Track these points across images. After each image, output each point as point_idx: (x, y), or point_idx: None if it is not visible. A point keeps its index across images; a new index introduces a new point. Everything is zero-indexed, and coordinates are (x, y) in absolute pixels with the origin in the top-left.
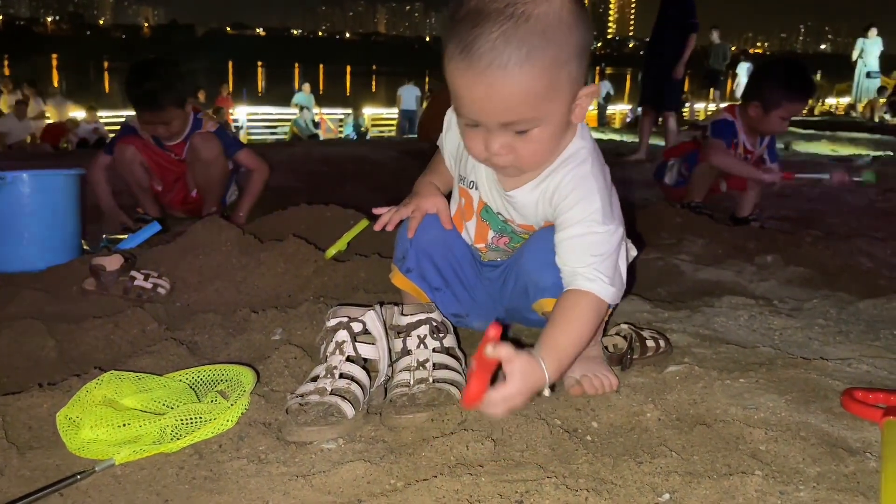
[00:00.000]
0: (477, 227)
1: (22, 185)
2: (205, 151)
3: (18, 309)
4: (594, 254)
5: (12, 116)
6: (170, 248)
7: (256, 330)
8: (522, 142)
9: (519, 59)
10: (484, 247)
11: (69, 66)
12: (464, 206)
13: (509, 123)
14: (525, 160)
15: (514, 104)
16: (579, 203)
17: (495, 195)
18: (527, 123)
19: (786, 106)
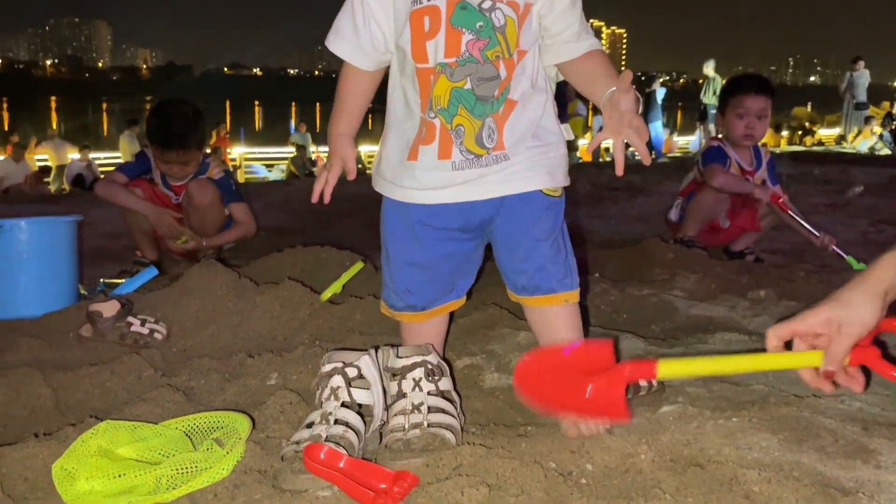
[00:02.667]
0: (447, 38)
1: (20, 231)
2: (198, 197)
3: (16, 357)
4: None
5: (9, 160)
6: (166, 292)
7: (252, 374)
8: None
9: None
10: (454, 62)
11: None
12: (428, 25)
13: None
14: None
15: None
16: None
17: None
18: None
19: (732, 102)
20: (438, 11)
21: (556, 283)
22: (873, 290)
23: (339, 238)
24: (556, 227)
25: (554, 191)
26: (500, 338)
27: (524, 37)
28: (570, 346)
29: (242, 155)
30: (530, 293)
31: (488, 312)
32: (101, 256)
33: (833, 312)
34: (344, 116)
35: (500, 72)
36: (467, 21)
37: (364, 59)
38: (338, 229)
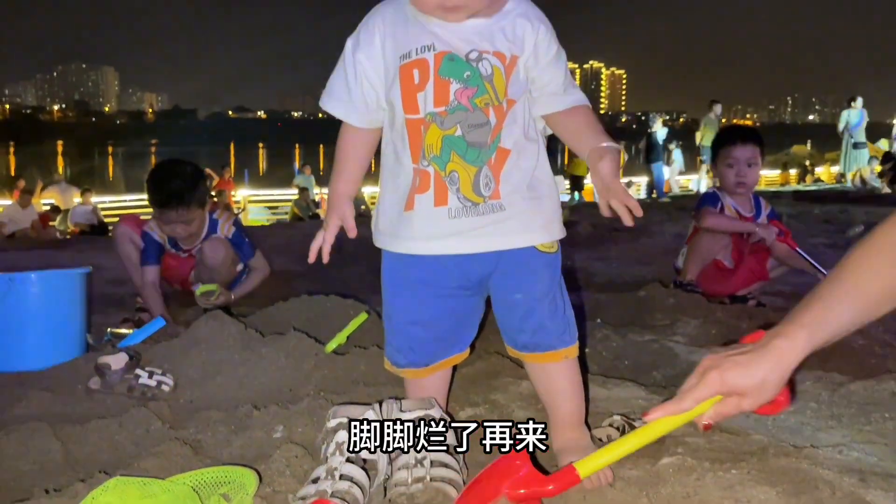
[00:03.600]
0: (436, 89)
1: (30, 285)
2: (211, 257)
3: (25, 410)
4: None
5: (16, 205)
6: (173, 343)
7: (258, 427)
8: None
9: None
10: (444, 110)
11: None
12: (418, 78)
13: None
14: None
15: None
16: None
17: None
18: None
19: (722, 153)
20: (427, 64)
21: (556, 340)
22: (786, 367)
23: (344, 283)
24: (555, 284)
25: (550, 246)
26: (502, 387)
27: (512, 87)
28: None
29: (246, 197)
30: (530, 350)
31: (491, 362)
32: (106, 303)
33: (742, 382)
34: (343, 175)
35: (490, 118)
36: (455, 71)
37: (358, 116)
38: (342, 274)
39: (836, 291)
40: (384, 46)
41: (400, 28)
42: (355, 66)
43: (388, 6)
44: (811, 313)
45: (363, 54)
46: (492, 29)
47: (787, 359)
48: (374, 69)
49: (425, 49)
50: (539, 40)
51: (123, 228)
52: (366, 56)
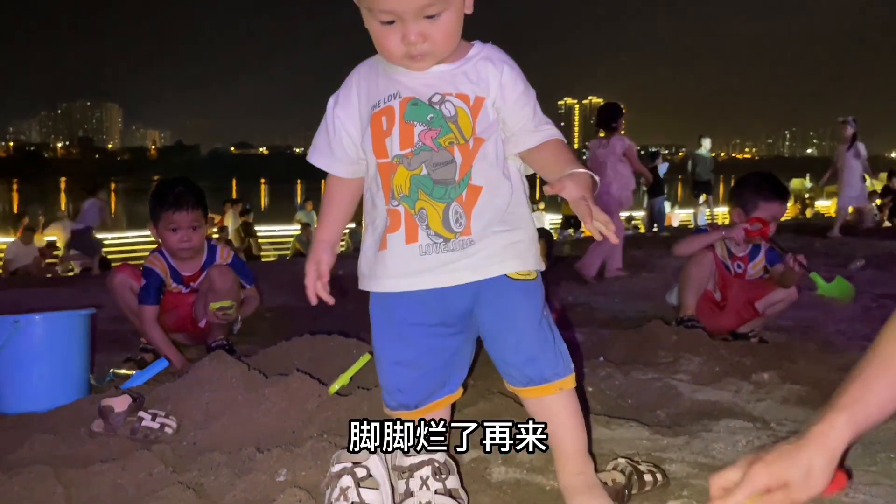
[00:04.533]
0: (401, 132)
1: (35, 327)
2: (219, 282)
3: (28, 453)
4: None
5: (18, 242)
6: (177, 384)
7: (262, 470)
8: (435, 27)
9: None
10: (410, 152)
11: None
12: (386, 124)
13: (424, 8)
14: (439, 44)
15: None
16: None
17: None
18: (438, 6)
19: (762, 206)
20: (393, 111)
21: (549, 372)
22: (834, 449)
23: (345, 319)
24: (537, 313)
25: (527, 274)
26: None
27: (480, 125)
28: None
29: None
30: (524, 384)
31: (494, 402)
32: (109, 340)
33: (787, 473)
34: (326, 222)
35: (455, 156)
36: (418, 115)
37: (340, 167)
38: (344, 310)
39: (873, 369)
40: (359, 100)
41: (372, 81)
42: (335, 122)
43: (365, 64)
44: (849, 394)
45: (341, 110)
46: (455, 74)
47: (831, 444)
48: (351, 122)
49: (392, 97)
50: (504, 80)
51: (121, 277)
52: (343, 111)
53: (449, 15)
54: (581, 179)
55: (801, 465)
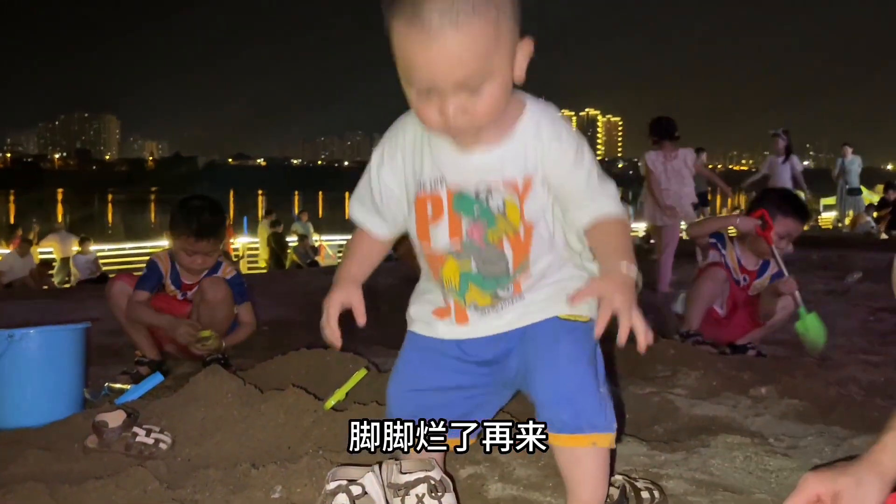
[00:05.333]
0: (450, 223)
1: (30, 341)
2: (210, 293)
3: (22, 469)
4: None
5: (14, 254)
6: (172, 399)
7: (256, 487)
8: (476, 100)
9: (467, 14)
10: (459, 246)
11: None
12: (431, 211)
13: (463, 81)
14: (480, 117)
15: (468, 58)
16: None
17: (470, 166)
18: (479, 78)
19: (781, 220)
20: (440, 200)
21: (585, 423)
22: (885, 473)
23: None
24: (584, 354)
25: (577, 316)
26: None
27: (529, 209)
28: None
29: (245, 245)
30: (556, 430)
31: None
32: (103, 354)
33: (844, 488)
34: (355, 262)
35: (505, 251)
36: (465, 208)
37: (384, 229)
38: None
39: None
40: (405, 166)
41: (417, 154)
42: (380, 182)
43: (410, 124)
44: None
45: (387, 171)
46: (503, 158)
47: (884, 463)
48: (397, 186)
49: (437, 183)
50: (554, 156)
51: (120, 285)
52: (390, 172)
53: (492, 88)
54: (623, 282)
55: (852, 476)
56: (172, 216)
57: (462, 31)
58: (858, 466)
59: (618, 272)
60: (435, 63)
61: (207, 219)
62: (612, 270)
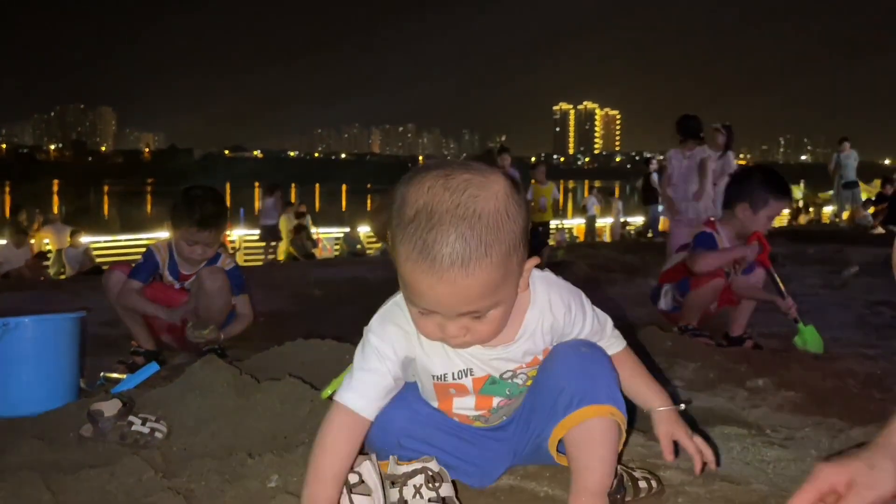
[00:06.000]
0: (477, 401)
1: (24, 329)
2: (209, 283)
3: (16, 458)
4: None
5: (10, 245)
6: (168, 389)
7: (252, 476)
8: (479, 323)
9: (479, 257)
10: (487, 412)
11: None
12: (455, 393)
13: (468, 313)
14: (481, 337)
15: (476, 297)
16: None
17: (495, 358)
18: (485, 310)
19: (773, 204)
20: (466, 388)
21: (602, 394)
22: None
23: (339, 324)
24: (602, 358)
25: None
26: None
27: None
28: None
29: (242, 237)
30: (574, 407)
31: None
32: (99, 345)
33: (857, 474)
34: (330, 479)
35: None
36: (496, 391)
37: (372, 407)
38: (337, 315)
39: None
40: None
41: (432, 349)
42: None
43: (394, 328)
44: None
45: (398, 366)
46: (521, 349)
47: None
48: (406, 377)
49: (462, 374)
50: (566, 325)
51: (117, 275)
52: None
53: (497, 312)
54: (673, 418)
55: (864, 461)
56: (175, 205)
57: (472, 275)
58: (870, 451)
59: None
60: (441, 298)
61: (210, 209)
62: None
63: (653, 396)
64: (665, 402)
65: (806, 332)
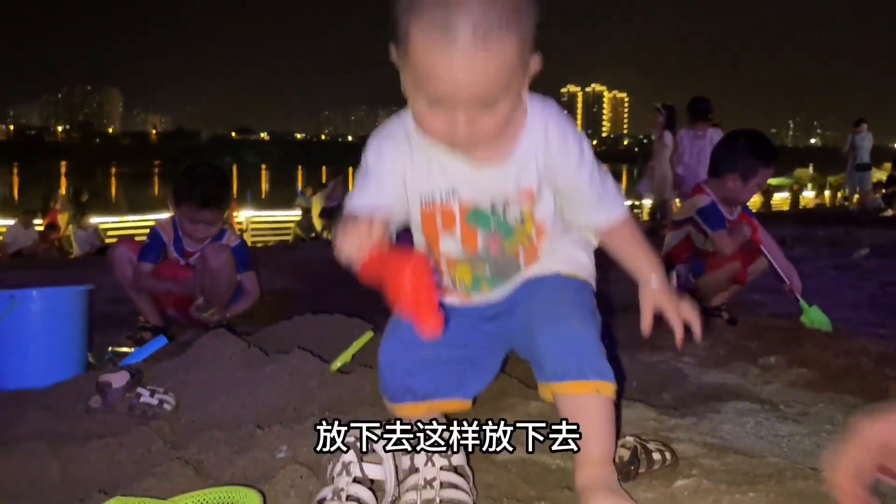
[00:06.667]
0: (463, 235)
1: (31, 302)
2: (213, 260)
3: (24, 429)
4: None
5: (18, 225)
6: (176, 362)
7: (261, 447)
8: (488, 116)
9: (500, 33)
10: (473, 255)
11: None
12: (441, 222)
13: (481, 97)
14: (486, 132)
15: (492, 77)
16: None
17: (483, 180)
18: (497, 95)
19: (762, 173)
20: (452, 213)
21: (588, 369)
22: None
23: (347, 302)
24: (584, 309)
25: (575, 275)
26: (510, 408)
27: (540, 214)
28: None
29: (249, 218)
30: (560, 378)
31: (498, 381)
32: (107, 322)
33: None
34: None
35: (520, 258)
36: (481, 222)
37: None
38: (345, 292)
39: None
40: (406, 170)
41: (423, 160)
42: (382, 174)
43: (412, 129)
44: None
45: (388, 167)
46: (516, 169)
47: None
48: (399, 185)
49: (449, 195)
50: (561, 160)
51: (122, 249)
52: (391, 170)
53: (506, 103)
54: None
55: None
56: (177, 184)
57: (492, 51)
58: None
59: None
60: (458, 77)
61: (211, 188)
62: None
63: (645, 268)
64: (656, 274)
65: (812, 312)
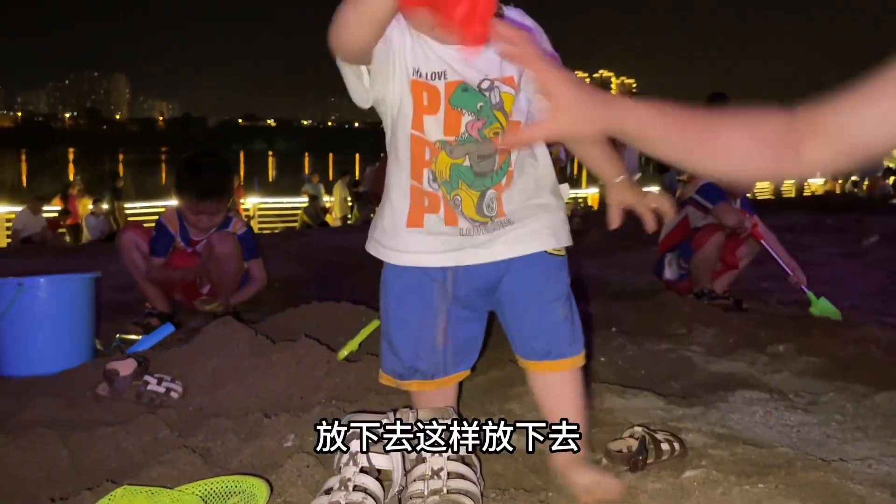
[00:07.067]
0: (447, 118)
1: (39, 290)
2: (219, 248)
3: (32, 416)
4: None
5: (27, 211)
6: (183, 349)
7: (269, 435)
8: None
9: None
10: (454, 140)
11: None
12: (428, 100)
13: None
14: None
15: None
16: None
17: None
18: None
19: None
20: (437, 92)
21: (567, 348)
22: None
23: (353, 289)
24: (566, 288)
25: (559, 251)
26: (517, 397)
27: (516, 109)
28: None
29: (256, 205)
30: (541, 357)
31: (505, 371)
32: (115, 309)
33: None
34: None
35: (497, 148)
36: (467, 102)
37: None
38: (351, 280)
39: None
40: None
41: (413, 39)
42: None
43: None
44: None
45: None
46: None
47: None
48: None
49: (436, 76)
50: None
51: (129, 235)
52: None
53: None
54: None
55: None
56: (178, 174)
57: None
58: None
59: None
60: None
61: (211, 179)
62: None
63: (610, 169)
64: (621, 173)
65: (820, 303)
